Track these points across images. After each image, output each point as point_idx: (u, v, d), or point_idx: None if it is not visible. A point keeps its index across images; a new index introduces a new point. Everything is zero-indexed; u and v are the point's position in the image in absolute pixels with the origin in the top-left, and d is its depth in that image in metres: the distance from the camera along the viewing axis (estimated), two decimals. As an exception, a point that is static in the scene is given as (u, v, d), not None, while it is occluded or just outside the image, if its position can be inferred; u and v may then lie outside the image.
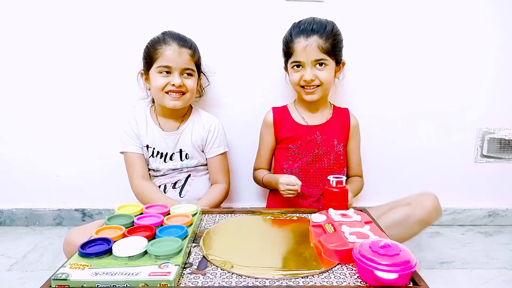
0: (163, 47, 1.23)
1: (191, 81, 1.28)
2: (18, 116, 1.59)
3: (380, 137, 1.62)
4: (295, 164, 1.33)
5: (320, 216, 0.92)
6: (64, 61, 1.54)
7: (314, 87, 1.25)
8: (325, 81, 1.24)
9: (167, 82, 1.24)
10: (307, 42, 1.20)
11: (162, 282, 0.66)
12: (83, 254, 0.73)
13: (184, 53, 1.25)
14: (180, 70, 1.25)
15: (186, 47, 1.26)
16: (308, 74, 1.23)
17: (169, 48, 1.23)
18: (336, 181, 0.99)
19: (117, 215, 0.94)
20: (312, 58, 1.21)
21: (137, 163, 1.31)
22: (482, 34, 1.55)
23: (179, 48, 1.24)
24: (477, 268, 1.33)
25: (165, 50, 1.23)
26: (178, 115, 1.36)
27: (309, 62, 1.22)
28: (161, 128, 1.34)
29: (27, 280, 1.25)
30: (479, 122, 1.63)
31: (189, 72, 1.27)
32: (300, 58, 1.23)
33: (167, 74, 1.25)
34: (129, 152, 1.32)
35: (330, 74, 1.26)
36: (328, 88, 1.29)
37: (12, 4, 1.49)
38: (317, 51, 1.20)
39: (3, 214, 1.68)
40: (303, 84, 1.25)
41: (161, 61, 1.23)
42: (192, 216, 0.95)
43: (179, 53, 1.24)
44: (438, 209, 1.16)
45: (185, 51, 1.25)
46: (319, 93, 1.27)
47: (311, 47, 1.20)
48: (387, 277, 0.65)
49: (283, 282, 0.69)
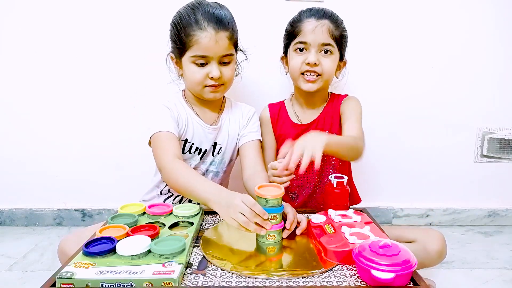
0: (197, 33, 1.05)
1: (229, 69, 1.12)
2: (18, 116, 1.59)
3: (380, 137, 1.63)
4: None
5: (320, 216, 0.92)
6: (64, 61, 1.54)
7: (315, 75, 1.16)
8: (327, 71, 1.17)
9: (205, 74, 1.08)
10: (318, 22, 1.14)
11: (167, 281, 0.66)
12: (87, 253, 0.73)
13: (223, 39, 1.07)
14: (218, 58, 1.08)
15: (224, 30, 1.07)
16: (312, 55, 1.14)
17: (204, 35, 1.04)
18: (337, 181, 0.99)
19: (120, 214, 0.94)
20: (321, 40, 1.14)
21: (173, 143, 1.06)
22: (482, 34, 1.56)
23: (216, 34, 1.05)
24: (477, 268, 1.34)
25: (200, 38, 1.05)
26: (216, 105, 1.22)
27: (316, 44, 1.14)
28: (202, 119, 1.18)
29: (27, 280, 1.25)
30: (479, 122, 1.64)
31: (227, 59, 1.11)
32: (307, 38, 1.15)
33: (203, 65, 1.08)
34: (167, 131, 1.07)
35: (333, 65, 1.18)
36: (329, 81, 1.21)
37: (12, 4, 1.49)
38: (327, 34, 1.14)
39: (3, 214, 1.68)
40: (304, 69, 1.16)
41: (196, 50, 1.06)
42: (194, 216, 0.96)
43: (217, 40, 1.05)
44: (442, 254, 1.08)
45: (223, 35, 1.07)
46: (318, 84, 1.18)
47: (322, 28, 1.14)
48: (384, 277, 0.65)
49: (283, 282, 0.69)
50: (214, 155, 1.21)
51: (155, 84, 1.54)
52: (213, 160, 1.21)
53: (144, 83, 1.56)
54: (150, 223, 0.90)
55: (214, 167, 1.22)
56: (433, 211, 1.71)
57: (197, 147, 1.17)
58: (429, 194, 1.71)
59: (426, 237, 1.09)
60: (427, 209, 1.71)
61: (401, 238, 1.09)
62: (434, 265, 1.10)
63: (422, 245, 1.05)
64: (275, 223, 0.85)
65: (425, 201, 1.71)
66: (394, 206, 1.71)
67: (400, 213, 1.71)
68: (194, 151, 1.17)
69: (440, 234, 1.09)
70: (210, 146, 1.19)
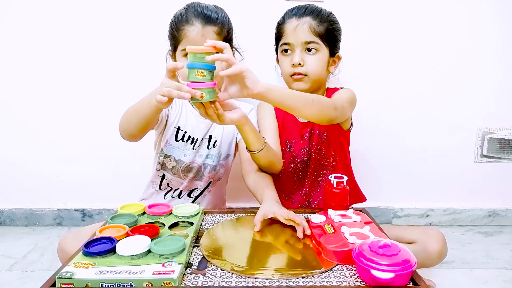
0: (186, 27, 1.10)
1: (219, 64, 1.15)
2: (18, 116, 1.59)
3: (380, 137, 1.63)
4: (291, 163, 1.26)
5: (320, 217, 0.92)
6: (64, 61, 1.54)
7: (302, 75, 1.15)
8: (313, 70, 1.15)
9: None
10: (298, 21, 1.13)
11: (166, 281, 0.66)
12: (87, 253, 0.73)
13: (209, 33, 1.10)
14: None
15: (211, 24, 1.11)
16: (296, 56, 1.13)
17: (192, 29, 1.09)
18: (336, 181, 0.98)
19: (120, 214, 0.94)
20: (302, 39, 1.13)
21: None
22: (482, 34, 1.56)
23: (203, 28, 1.09)
24: (477, 268, 1.34)
25: (188, 31, 1.10)
26: None
27: (298, 43, 1.13)
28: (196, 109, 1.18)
29: (27, 280, 1.25)
30: (479, 122, 1.64)
31: None
32: (289, 39, 1.14)
33: None
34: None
35: (321, 63, 1.16)
36: (318, 80, 1.18)
37: (12, 4, 1.49)
38: (308, 32, 1.12)
39: (3, 214, 1.68)
40: (291, 71, 1.16)
41: (184, 44, 1.10)
42: (194, 216, 0.96)
43: (203, 34, 1.09)
44: (442, 254, 1.07)
45: (210, 30, 1.10)
46: (308, 83, 1.16)
47: (302, 27, 1.12)
48: (384, 277, 0.65)
49: (283, 282, 0.69)
50: (210, 148, 1.22)
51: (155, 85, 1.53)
52: (208, 153, 1.22)
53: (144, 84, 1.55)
54: (150, 223, 0.90)
55: (211, 160, 1.23)
56: (433, 211, 1.71)
57: (189, 136, 1.20)
58: (429, 194, 1.71)
59: (426, 237, 1.08)
60: (427, 209, 1.71)
61: (401, 238, 1.09)
62: (434, 265, 1.09)
63: (422, 245, 1.05)
64: (202, 80, 0.83)
65: (425, 201, 1.71)
66: (394, 206, 1.71)
67: (400, 213, 1.71)
68: (187, 140, 1.20)
69: (440, 234, 1.09)
70: (203, 137, 1.21)
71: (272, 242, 0.88)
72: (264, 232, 0.93)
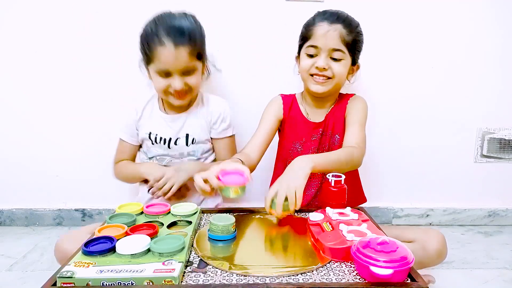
0: (158, 49, 1.11)
1: (194, 78, 1.18)
2: (18, 116, 1.59)
3: (380, 137, 1.63)
4: None
5: (318, 215, 0.93)
6: (64, 61, 1.54)
7: (325, 79, 1.17)
8: (338, 75, 1.16)
9: (168, 84, 1.15)
10: (330, 27, 1.13)
11: (167, 279, 0.66)
12: (87, 252, 0.74)
13: (182, 53, 1.11)
14: (179, 71, 1.14)
15: (183, 44, 1.11)
16: (322, 60, 1.15)
17: (164, 51, 1.10)
18: (334, 180, 0.99)
19: (118, 214, 0.94)
20: (331, 45, 1.14)
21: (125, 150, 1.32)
22: (482, 34, 1.56)
23: (176, 49, 1.10)
24: (477, 268, 1.34)
25: (160, 53, 1.11)
26: None
27: (326, 49, 1.14)
28: (166, 113, 1.28)
29: (27, 280, 1.25)
30: (479, 122, 1.64)
31: (190, 69, 1.16)
32: (318, 42, 1.15)
33: (166, 76, 1.15)
34: (124, 140, 1.31)
35: (344, 70, 1.18)
36: (340, 84, 1.21)
37: (12, 4, 1.49)
38: (338, 40, 1.13)
39: (3, 214, 1.68)
40: (313, 72, 1.17)
41: (157, 64, 1.13)
42: (192, 215, 0.96)
43: (176, 56, 1.11)
44: (442, 254, 1.07)
45: (182, 50, 1.11)
46: (328, 86, 1.18)
47: (333, 34, 1.13)
48: (383, 273, 0.66)
49: (283, 280, 0.70)
50: (189, 145, 1.27)
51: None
52: (190, 148, 1.28)
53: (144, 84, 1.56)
54: (148, 222, 0.90)
55: (194, 157, 1.29)
56: (433, 211, 1.70)
57: (161, 137, 1.26)
58: (429, 194, 1.70)
59: (425, 237, 1.08)
60: (427, 209, 1.71)
61: (401, 238, 1.06)
62: (434, 265, 1.09)
63: (421, 244, 1.04)
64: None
65: (425, 201, 1.71)
66: (394, 206, 1.71)
67: (400, 213, 1.71)
68: (160, 141, 1.27)
69: (440, 234, 1.08)
70: (178, 135, 1.26)
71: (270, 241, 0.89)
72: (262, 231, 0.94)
